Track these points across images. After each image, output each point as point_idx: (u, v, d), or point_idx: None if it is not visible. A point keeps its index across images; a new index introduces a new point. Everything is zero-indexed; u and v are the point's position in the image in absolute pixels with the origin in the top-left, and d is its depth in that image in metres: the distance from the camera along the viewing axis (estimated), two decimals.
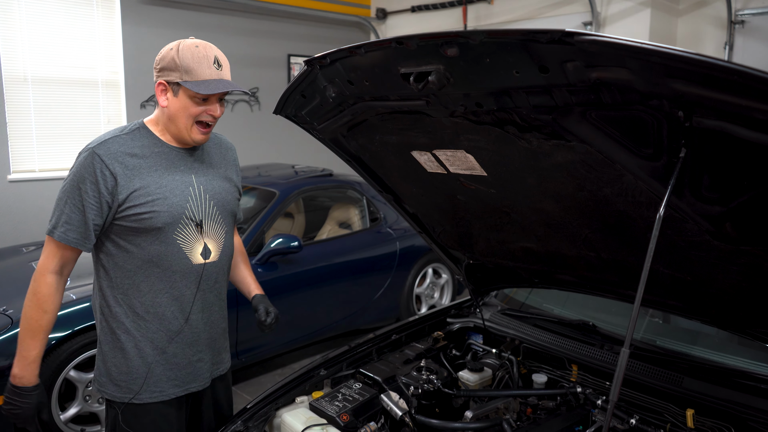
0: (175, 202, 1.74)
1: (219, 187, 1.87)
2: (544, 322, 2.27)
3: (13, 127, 5.29)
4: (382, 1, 7.97)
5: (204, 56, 1.68)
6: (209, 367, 1.90)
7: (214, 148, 1.93)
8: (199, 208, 1.80)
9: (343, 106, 1.68)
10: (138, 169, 1.71)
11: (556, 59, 1.11)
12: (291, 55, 7.29)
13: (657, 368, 1.86)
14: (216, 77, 1.70)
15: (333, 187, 4.70)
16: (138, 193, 1.69)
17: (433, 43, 1.23)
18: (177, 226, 1.75)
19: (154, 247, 1.73)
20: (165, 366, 1.79)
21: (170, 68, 1.69)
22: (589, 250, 1.73)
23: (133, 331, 1.77)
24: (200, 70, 1.67)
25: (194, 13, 6.37)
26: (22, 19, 5.27)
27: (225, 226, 1.88)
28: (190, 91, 1.68)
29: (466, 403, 1.98)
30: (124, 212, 1.69)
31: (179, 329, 1.80)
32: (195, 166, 1.83)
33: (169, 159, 1.78)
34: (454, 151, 1.61)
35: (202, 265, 1.81)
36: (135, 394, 1.77)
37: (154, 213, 1.70)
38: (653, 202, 1.36)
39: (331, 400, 1.83)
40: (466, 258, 2.22)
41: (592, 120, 1.24)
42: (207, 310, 1.86)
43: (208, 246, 1.82)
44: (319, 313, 4.23)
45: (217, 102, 1.75)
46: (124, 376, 1.78)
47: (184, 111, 1.72)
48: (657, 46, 0.97)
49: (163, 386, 1.80)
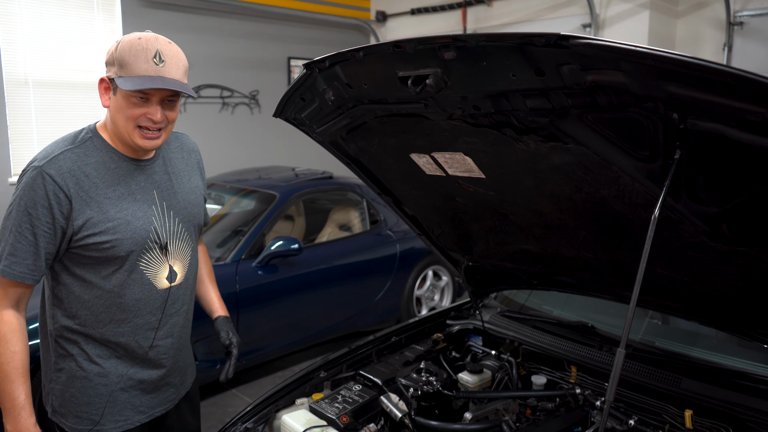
0: (138, 226, 1.56)
1: (184, 201, 1.69)
2: (544, 324, 2.28)
3: (14, 129, 5.31)
4: (381, 3, 7.99)
5: (143, 49, 1.44)
6: (176, 389, 1.80)
7: (176, 152, 1.74)
8: (164, 229, 1.62)
9: (342, 109, 1.69)
10: (94, 189, 1.50)
11: (552, 62, 1.12)
12: (291, 57, 7.31)
13: (655, 369, 1.87)
14: (153, 73, 1.44)
15: (333, 189, 4.72)
16: (96, 219, 1.50)
17: (431, 46, 1.24)
18: (141, 253, 1.57)
19: (116, 277, 1.56)
20: (129, 393, 1.65)
21: (109, 62, 1.48)
22: (587, 251, 1.74)
23: (95, 357, 1.61)
24: (135, 65, 1.43)
25: (194, 16, 6.39)
26: (23, 22, 5.29)
27: (191, 243, 1.73)
28: (123, 90, 1.44)
29: (465, 405, 1.99)
30: (81, 241, 1.50)
31: (144, 357, 1.66)
32: (156, 179, 1.63)
33: (127, 174, 1.57)
34: (453, 154, 1.62)
35: (167, 290, 1.66)
36: (95, 424, 1.62)
37: (116, 240, 1.52)
38: (649, 203, 1.36)
39: (331, 402, 1.84)
40: (466, 260, 2.22)
41: (589, 122, 1.25)
42: (174, 335, 1.72)
43: (173, 268, 1.66)
44: (319, 316, 4.24)
45: (158, 104, 1.49)
46: (85, 406, 1.62)
47: (121, 112, 1.48)
48: (650, 49, 0.98)
49: (128, 414, 1.66)
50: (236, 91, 6.84)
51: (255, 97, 7.01)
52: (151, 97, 1.48)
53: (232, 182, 4.65)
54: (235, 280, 3.66)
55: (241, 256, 3.80)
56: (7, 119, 5.23)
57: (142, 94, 1.46)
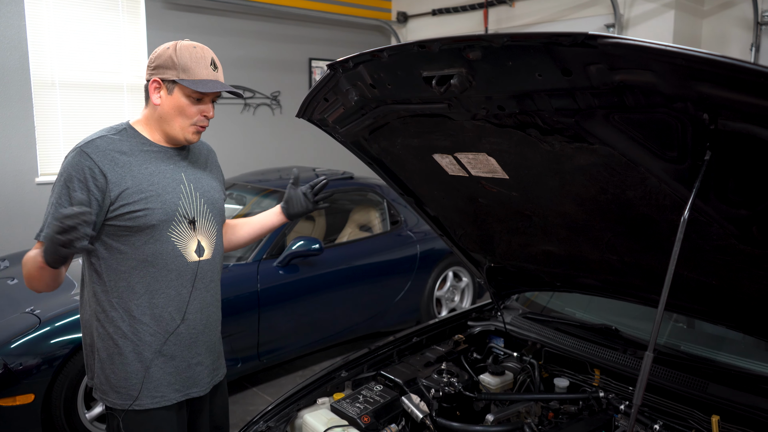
0: (168, 198, 1.73)
1: (208, 186, 1.87)
2: (566, 326, 2.26)
3: (41, 130, 5.40)
4: (402, 4, 7.99)
5: (201, 57, 1.70)
6: (209, 372, 1.88)
7: (199, 152, 1.93)
8: (191, 206, 1.79)
9: (366, 110, 1.69)
10: (128, 166, 1.69)
11: (579, 62, 1.11)
12: (312, 58, 7.35)
13: (681, 373, 1.84)
14: (212, 78, 1.71)
15: (354, 189, 4.72)
16: (130, 190, 1.67)
17: (456, 46, 1.24)
18: (171, 224, 1.73)
19: (149, 246, 1.71)
20: (163, 369, 1.76)
21: (167, 66, 1.69)
22: (611, 253, 1.72)
23: (130, 334, 1.73)
24: (198, 70, 1.69)
25: (216, 18, 6.45)
26: (51, 26, 5.38)
27: (216, 224, 1.88)
28: (187, 90, 1.69)
29: (487, 407, 1.98)
30: (117, 211, 1.67)
31: (176, 329, 1.77)
32: (183, 164, 1.82)
33: (158, 157, 1.76)
34: (476, 154, 1.61)
35: (197, 263, 1.79)
36: (135, 399, 1.74)
37: (148, 210, 1.68)
38: (677, 205, 1.34)
39: (352, 402, 1.84)
40: (488, 261, 2.21)
41: (615, 123, 1.24)
42: (204, 311, 1.84)
43: (201, 243, 1.80)
44: (339, 316, 4.25)
45: (210, 103, 1.76)
46: (123, 381, 1.74)
47: (177, 110, 1.72)
48: (682, 49, 0.96)
49: (164, 391, 1.77)
50: (258, 92, 6.89)
51: (276, 98, 7.05)
52: (206, 97, 1.74)
53: (254, 182, 4.68)
54: (256, 279, 3.69)
55: (262, 256, 3.83)
56: (35, 120, 5.33)
57: (200, 95, 1.71)
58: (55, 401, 3.00)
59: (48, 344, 2.97)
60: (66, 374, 3.01)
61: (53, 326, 3.02)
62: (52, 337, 2.99)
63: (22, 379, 2.87)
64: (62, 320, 3.04)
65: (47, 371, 2.94)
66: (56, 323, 3.03)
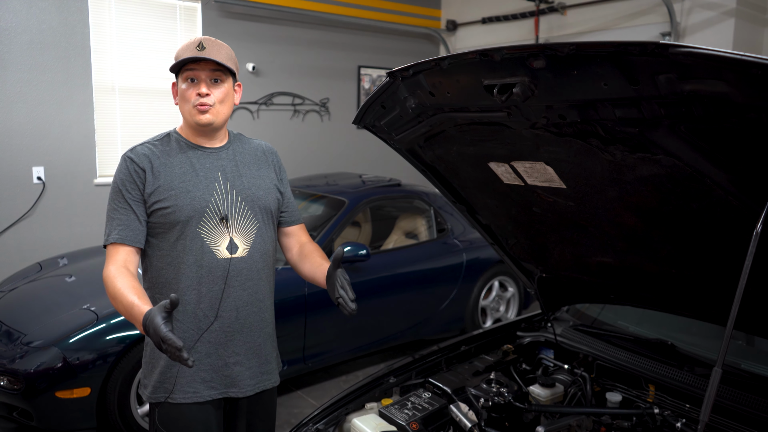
0: (198, 195, 1.77)
1: (249, 184, 1.86)
2: (619, 340, 2.21)
3: (100, 134, 5.61)
4: (452, 12, 7.99)
5: (190, 42, 1.76)
6: (253, 374, 1.87)
7: (249, 151, 1.94)
8: (225, 203, 1.80)
9: (422, 117, 1.70)
10: (164, 166, 1.78)
11: (648, 71, 1.09)
12: (361, 66, 7.41)
13: (742, 392, 1.78)
14: (196, 55, 1.73)
15: (400, 197, 4.74)
16: (162, 188, 1.76)
17: (519, 55, 1.24)
18: (200, 220, 1.77)
19: (180, 242, 1.77)
20: (198, 366, 1.79)
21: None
22: (671, 266, 1.68)
23: None
24: (183, 53, 1.75)
25: (268, 26, 6.58)
26: (113, 33, 5.59)
27: (256, 222, 1.85)
28: (180, 75, 1.79)
29: (536, 419, 1.95)
30: (151, 207, 1.76)
31: (210, 327, 1.79)
32: (222, 164, 1.85)
33: (195, 158, 1.82)
34: (533, 163, 1.60)
35: (228, 260, 1.79)
36: (169, 393, 1.78)
37: (176, 207, 1.74)
38: (746, 218, 1.31)
39: (400, 408, 1.84)
40: (539, 271, 2.19)
41: (682, 133, 1.22)
42: (241, 310, 1.83)
43: (234, 241, 1.80)
44: (384, 322, 4.26)
45: (203, 82, 1.76)
46: (159, 376, 1.80)
47: (180, 98, 1.81)
48: (758, 58, 0.94)
49: (197, 387, 1.80)
50: (307, 98, 6.98)
51: (325, 105, 7.13)
52: (198, 79, 1.76)
53: (302, 187, 4.75)
54: (304, 283, 3.73)
55: None
56: (95, 124, 5.53)
57: (190, 74, 1.76)
58: (109, 396, 3.10)
59: (104, 340, 3.08)
60: (120, 370, 3.11)
61: (109, 323, 3.13)
62: (108, 334, 3.10)
63: (79, 373, 2.99)
64: (118, 317, 3.14)
65: (102, 366, 3.05)
66: (112, 320, 3.14)
